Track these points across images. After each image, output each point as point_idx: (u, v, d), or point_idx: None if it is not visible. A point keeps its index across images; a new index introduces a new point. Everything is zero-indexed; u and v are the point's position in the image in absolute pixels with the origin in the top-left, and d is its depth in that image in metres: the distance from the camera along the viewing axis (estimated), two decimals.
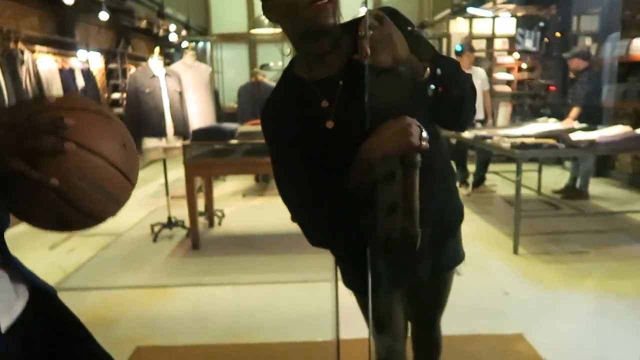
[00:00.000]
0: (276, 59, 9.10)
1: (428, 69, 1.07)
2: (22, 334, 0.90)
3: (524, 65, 7.74)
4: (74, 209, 0.68)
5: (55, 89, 5.23)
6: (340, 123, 1.11)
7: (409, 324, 1.55)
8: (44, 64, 5.17)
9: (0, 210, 0.84)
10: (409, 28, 1.10)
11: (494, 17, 7.59)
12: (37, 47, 5.19)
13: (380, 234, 1.10)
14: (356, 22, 1.09)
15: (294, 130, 1.13)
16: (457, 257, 1.37)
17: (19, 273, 0.95)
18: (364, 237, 1.15)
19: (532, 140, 3.72)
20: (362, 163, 1.04)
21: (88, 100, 0.74)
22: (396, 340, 1.42)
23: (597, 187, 5.29)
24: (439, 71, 1.08)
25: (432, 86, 1.09)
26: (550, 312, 2.73)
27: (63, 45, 5.84)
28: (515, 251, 3.56)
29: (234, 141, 3.87)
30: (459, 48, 5.33)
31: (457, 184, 1.23)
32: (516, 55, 7.71)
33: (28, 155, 0.64)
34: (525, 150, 3.52)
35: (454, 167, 3.84)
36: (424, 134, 1.01)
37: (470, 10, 7.09)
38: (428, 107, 1.12)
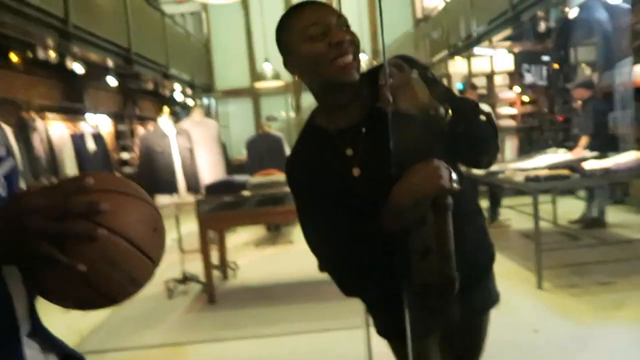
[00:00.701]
0: (280, 109, 9.28)
1: (449, 111, 1.08)
2: None
3: (526, 99, 7.83)
4: (95, 292, 0.68)
5: (67, 154, 5.32)
6: (366, 170, 1.11)
7: None
8: (55, 131, 5.28)
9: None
10: (427, 73, 1.11)
11: (491, 56, 7.74)
12: (49, 115, 5.31)
13: (416, 279, 1.07)
14: (374, 71, 1.12)
15: (320, 179, 1.13)
16: (492, 298, 1.33)
17: (50, 343, 0.93)
18: (398, 283, 1.12)
19: (545, 172, 3.70)
20: (393, 208, 1.02)
21: (123, 181, 0.74)
22: None
23: (613, 215, 5.21)
24: (459, 112, 1.09)
25: (455, 127, 1.09)
26: (585, 347, 2.62)
27: (73, 111, 5.99)
28: (540, 286, 3.47)
29: (246, 193, 3.88)
30: (460, 86, 5.42)
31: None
32: (517, 89, 7.81)
33: (59, 237, 0.63)
34: (540, 183, 3.50)
35: None
36: (454, 175, 1.01)
37: (477, 50, 7.24)
38: (452, 148, 1.12)
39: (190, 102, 8.99)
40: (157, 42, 7.63)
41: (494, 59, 7.81)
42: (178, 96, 8.40)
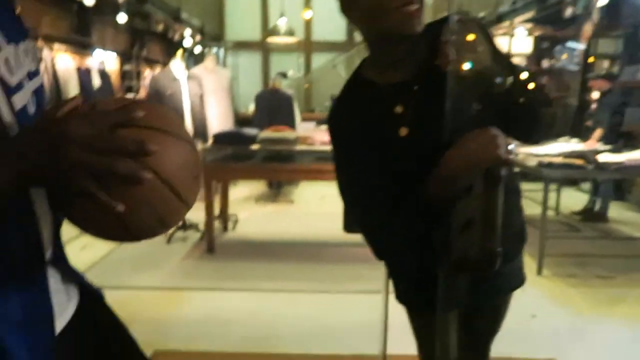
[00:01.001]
0: (290, 67, 9.09)
1: (509, 79, 1.02)
2: (71, 339, 0.83)
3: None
4: (125, 230, 0.65)
5: (72, 87, 5.19)
6: (415, 131, 1.05)
7: None
8: (61, 63, 5.14)
9: None
10: (490, 37, 1.05)
11: (510, 36, 7.57)
12: (56, 46, 5.15)
13: (454, 251, 1.03)
14: (434, 26, 1.04)
15: (364, 134, 1.07)
16: (520, 278, 1.30)
17: (70, 273, 0.89)
18: (433, 253, 1.07)
19: (560, 159, 3.65)
20: (442, 174, 0.97)
21: (169, 117, 0.68)
22: None
23: (614, 211, 5.21)
24: (519, 81, 1.03)
25: (513, 96, 1.04)
26: (582, 337, 2.64)
27: (80, 45, 5.81)
28: (539, 272, 3.48)
29: (254, 146, 3.81)
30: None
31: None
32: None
33: (102, 174, 0.58)
34: (553, 170, 3.45)
35: None
36: (510, 146, 0.95)
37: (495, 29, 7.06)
38: (505, 118, 1.06)
39: (198, 49, 8.78)
40: None
41: (513, 41, 7.65)
42: (187, 42, 8.19)
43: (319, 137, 3.92)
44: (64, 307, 0.82)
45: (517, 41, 7.72)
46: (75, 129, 0.57)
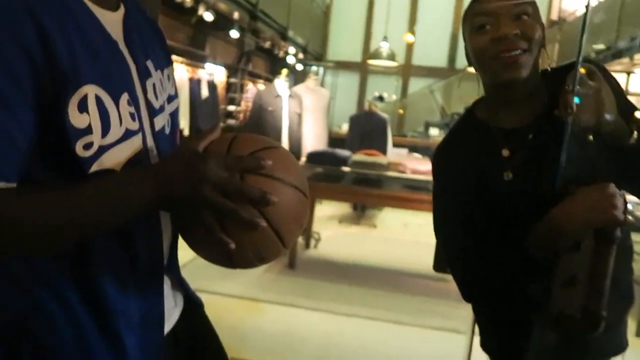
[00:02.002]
0: (386, 90, 9.13)
1: (636, 132, 0.96)
2: (172, 344, 0.89)
3: None
4: (228, 259, 0.74)
5: (183, 97, 5.57)
6: (522, 177, 1.02)
7: None
8: (177, 73, 5.54)
9: None
10: (617, 86, 1.00)
11: (628, 73, 7.08)
12: (173, 57, 5.57)
13: (552, 308, 0.98)
14: (558, 73, 1.01)
15: (468, 175, 1.06)
16: (620, 343, 1.21)
17: (179, 281, 0.95)
18: (528, 307, 1.03)
19: None
20: (550, 229, 0.93)
21: (295, 168, 0.75)
22: None
23: None
24: None
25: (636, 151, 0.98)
26: None
27: (195, 57, 6.25)
28: (638, 334, 3.18)
29: (345, 168, 3.87)
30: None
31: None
32: None
33: (225, 215, 0.67)
34: None
35: None
36: (629, 205, 0.90)
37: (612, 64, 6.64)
38: (627, 173, 1.00)
39: (299, 66, 9.09)
40: (281, 2, 7.73)
41: (632, 77, 7.15)
42: (290, 59, 8.51)
43: (411, 165, 3.89)
44: (171, 312, 0.89)
45: (636, 79, 7.21)
46: (213, 171, 0.65)
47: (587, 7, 0.97)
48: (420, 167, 4.07)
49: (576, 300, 0.96)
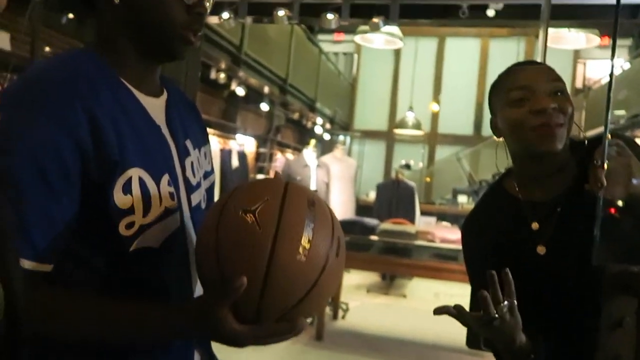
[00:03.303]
0: (412, 158, 9.21)
1: None
2: None
3: None
4: None
5: (214, 167, 5.73)
6: (555, 250, 1.01)
7: None
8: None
9: None
10: None
11: None
12: (207, 130, 5.80)
13: None
14: (586, 146, 1.02)
15: (496, 247, 1.05)
16: None
17: (208, 355, 0.96)
18: None
19: None
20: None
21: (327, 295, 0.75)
22: None
23: None
24: None
25: None
26: None
27: (227, 129, 6.49)
28: None
29: (373, 237, 3.85)
30: None
31: None
32: None
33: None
34: None
35: None
36: None
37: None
38: None
39: (327, 136, 9.31)
40: (310, 76, 8.06)
41: None
42: (317, 129, 8.75)
43: (440, 234, 3.85)
44: None
45: None
46: (244, 343, 0.67)
47: (610, 83, 1.00)
48: (449, 236, 4.03)
49: None
